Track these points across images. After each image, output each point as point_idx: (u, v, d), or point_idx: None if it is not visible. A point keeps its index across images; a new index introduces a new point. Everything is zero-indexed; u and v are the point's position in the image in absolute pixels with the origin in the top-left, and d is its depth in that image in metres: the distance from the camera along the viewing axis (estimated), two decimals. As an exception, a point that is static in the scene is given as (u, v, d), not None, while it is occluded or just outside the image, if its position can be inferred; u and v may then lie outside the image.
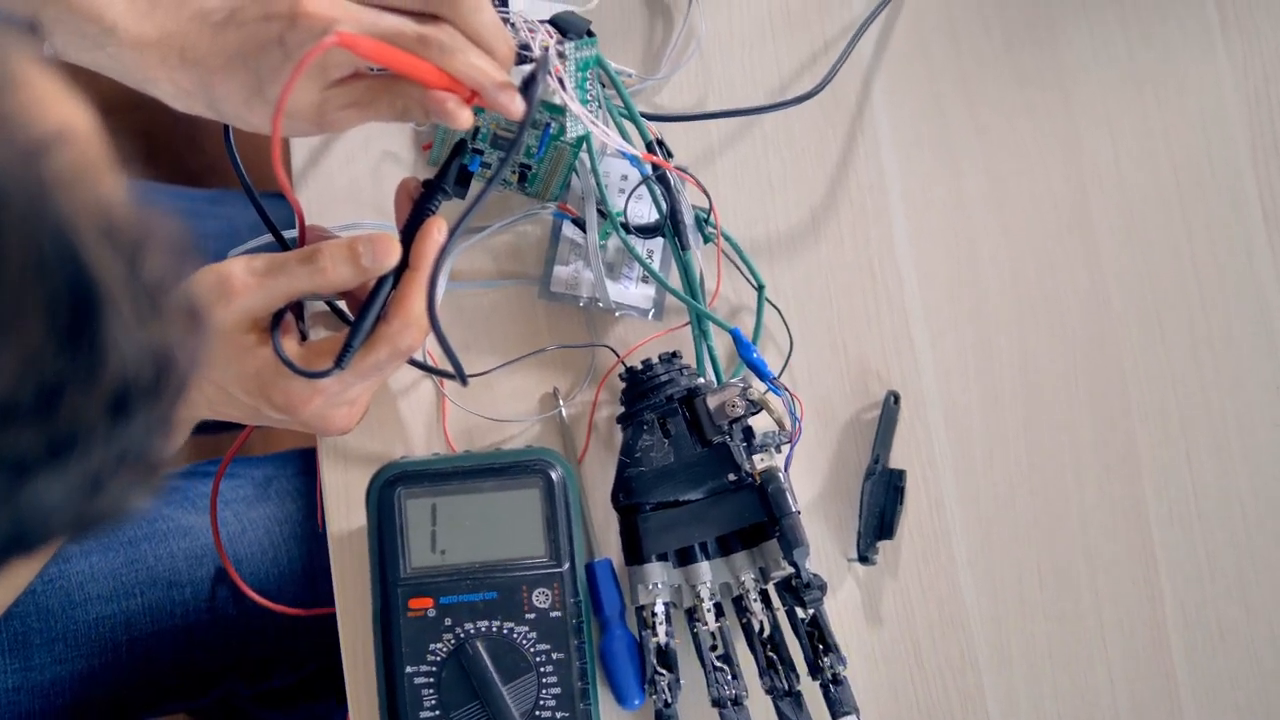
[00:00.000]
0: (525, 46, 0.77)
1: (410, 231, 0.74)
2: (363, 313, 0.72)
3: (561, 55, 0.77)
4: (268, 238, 0.82)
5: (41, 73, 0.40)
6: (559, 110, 0.80)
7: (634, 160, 0.80)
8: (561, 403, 0.83)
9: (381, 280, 0.73)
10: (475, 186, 0.76)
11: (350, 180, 0.85)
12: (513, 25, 0.78)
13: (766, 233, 0.86)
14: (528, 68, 0.74)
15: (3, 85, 0.38)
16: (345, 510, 0.82)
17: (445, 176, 0.75)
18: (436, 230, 0.72)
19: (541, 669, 0.76)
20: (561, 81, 0.77)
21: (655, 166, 0.80)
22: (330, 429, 0.76)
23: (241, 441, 0.83)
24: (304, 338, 0.77)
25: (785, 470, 0.79)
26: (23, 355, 0.37)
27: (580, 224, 0.83)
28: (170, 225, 0.42)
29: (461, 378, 0.74)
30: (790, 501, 0.77)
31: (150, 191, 1.11)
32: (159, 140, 0.76)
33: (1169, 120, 0.88)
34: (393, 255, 0.70)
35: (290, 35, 0.67)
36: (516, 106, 0.70)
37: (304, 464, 0.98)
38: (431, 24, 0.69)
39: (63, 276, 0.37)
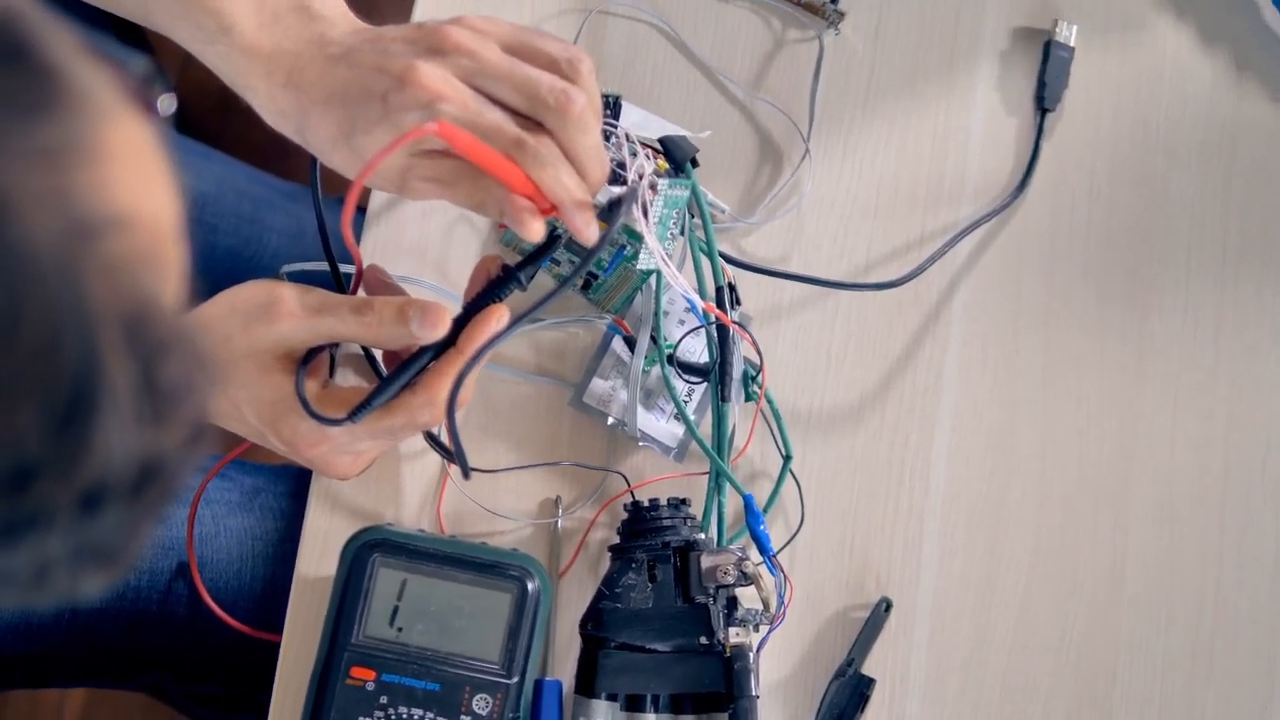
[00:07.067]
0: (621, 165, 0.76)
1: (472, 312, 0.72)
2: (394, 375, 0.72)
3: (653, 188, 0.76)
4: (324, 262, 0.81)
5: (136, 147, 0.39)
6: (637, 237, 0.78)
7: (695, 307, 0.79)
8: (560, 514, 0.82)
9: (424, 349, 0.72)
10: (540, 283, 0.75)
11: (420, 234, 0.84)
12: (614, 140, 0.77)
13: (810, 404, 0.85)
14: (617, 189, 0.73)
15: (78, 157, 0.37)
16: (319, 555, 0.81)
17: (526, 269, 0.73)
18: (495, 320, 0.71)
19: (461, 774, 0.75)
20: (645, 211, 0.75)
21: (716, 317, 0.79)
22: (330, 473, 0.75)
23: (245, 447, 0.82)
24: (332, 373, 0.77)
25: (757, 651, 0.78)
26: (6, 434, 0.36)
27: (631, 343, 0.82)
28: (199, 339, 0.41)
29: (465, 469, 0.73)
30: (753, 684, 0.76)
31: (230, 170, 1.10)
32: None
33: (1235, 415, 0.86)
34: (440, 328, 0.69)
35: (395, 96, 0.66)
36: (590, 234, 0.69)
37: (296, 485, 0.97)
38: (533, 129, 0.68)
39: (70, 367, 0.36)
